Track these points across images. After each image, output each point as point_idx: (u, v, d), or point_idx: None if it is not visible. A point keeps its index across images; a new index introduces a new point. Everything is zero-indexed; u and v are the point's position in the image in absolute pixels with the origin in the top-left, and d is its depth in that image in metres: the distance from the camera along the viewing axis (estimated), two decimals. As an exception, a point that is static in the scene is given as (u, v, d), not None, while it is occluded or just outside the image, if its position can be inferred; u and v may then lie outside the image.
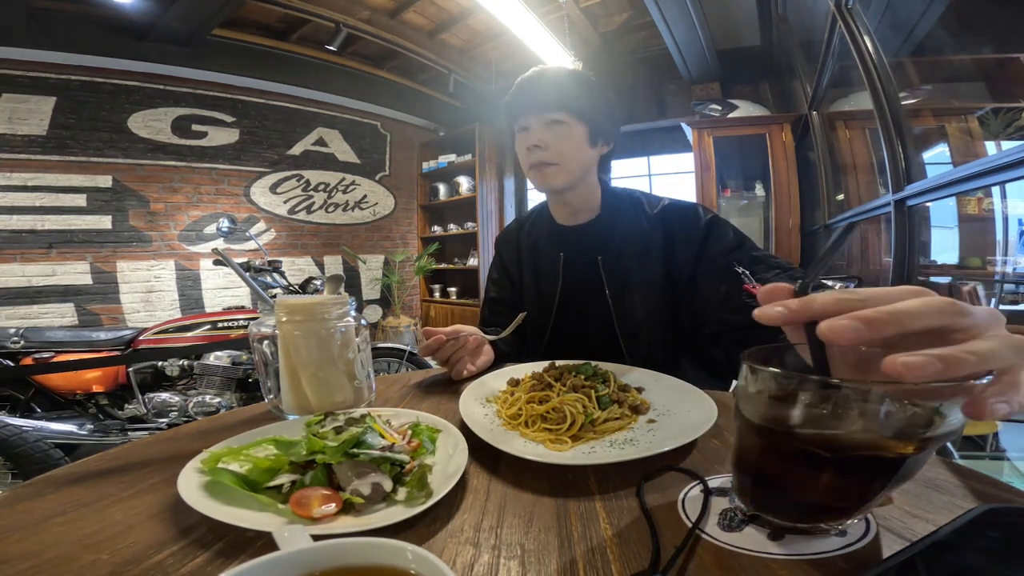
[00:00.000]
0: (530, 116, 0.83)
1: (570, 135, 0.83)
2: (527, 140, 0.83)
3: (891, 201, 1.67)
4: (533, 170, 0.85)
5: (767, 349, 0.33)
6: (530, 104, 0.83)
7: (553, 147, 0.82)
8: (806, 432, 0.28)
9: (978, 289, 1.78)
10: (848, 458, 0.27)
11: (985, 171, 1.20)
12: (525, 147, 0.84)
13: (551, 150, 0.82)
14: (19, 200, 3.06)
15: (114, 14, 3.06)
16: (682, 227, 0.85)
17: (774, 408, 0.30)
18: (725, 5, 3.26)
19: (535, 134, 0.82)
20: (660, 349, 0.86)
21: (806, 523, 0.31)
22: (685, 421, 0.51)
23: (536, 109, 0.83)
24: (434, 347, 0.74)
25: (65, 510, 0.38)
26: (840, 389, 0.28)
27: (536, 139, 0.82)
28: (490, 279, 1.10)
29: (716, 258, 0.78)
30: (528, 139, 0.83)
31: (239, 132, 3.98)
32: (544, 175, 0.84)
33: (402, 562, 0.22)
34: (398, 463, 0.40)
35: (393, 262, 4.81)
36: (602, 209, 0.91)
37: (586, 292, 0.89)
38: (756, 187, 3.62)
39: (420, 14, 3.76)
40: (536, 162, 0.83)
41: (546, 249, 0.95)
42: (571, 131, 0.82)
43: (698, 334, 0.82)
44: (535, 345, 0.96)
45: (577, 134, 0.83)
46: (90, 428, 1.97)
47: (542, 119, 0.82)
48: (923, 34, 1.97)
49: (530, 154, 0.83)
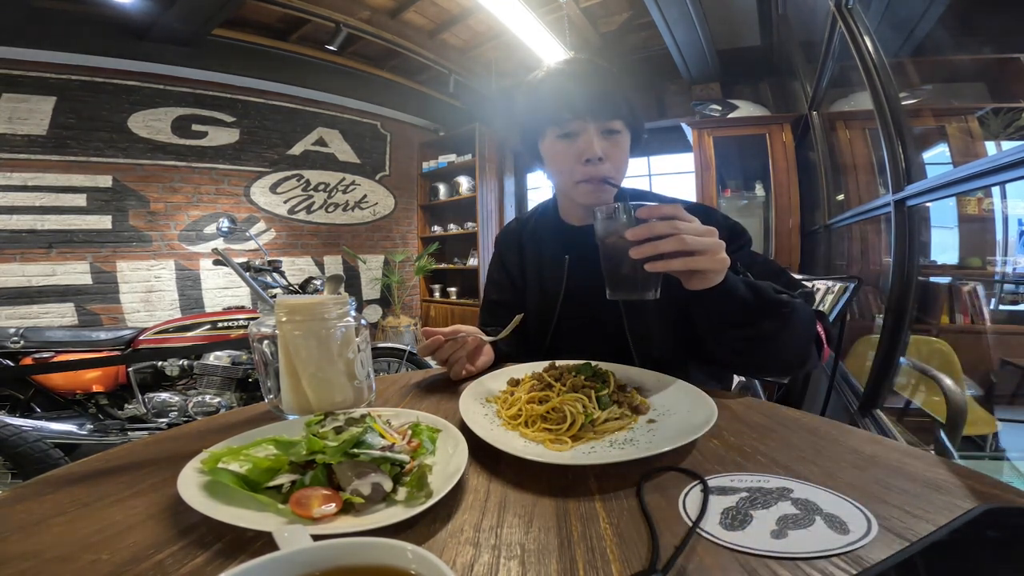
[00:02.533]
0: (587, 122, 0.73)
1: (624, 146, 0.76)
2: (584, 151, 0.73)
3: (891, 201, 1.67)
4: (589, 184, 0.76)
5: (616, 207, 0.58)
6: (587, 108, 0.73)
7: (612, 159, 0.74)
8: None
9: (978, 289, 1.78)
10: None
11: (985, 171, 1.20)
12: (581, 158, 0.73)
13: (612, 164, 0.74)
14: (19, 200, 3.06)
15: (114, 14, 3.06)
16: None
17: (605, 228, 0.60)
18: (725, 5, 3.26)
19: (596, 143, 0.73)
20: (670, 351, 0.83)
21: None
22: (685, 421, 0.51)
23: (596, 115, 0.73)
24: (433, 347, 0.73)
25: (65, 510, 0.38)
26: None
27: (599, 150, 0.72)
28: (489, 280, 1.06)
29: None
30: (586, 150, 0.73)
31: (239, 132, 3.98)
32: (602, 191, 0.76)
33: (402, 562, 0.22)
34: (398, 463, 0.40)
35: (393, 262, 4.81)
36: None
37: (593, 294, 0.84)
38: (756, 187, 3.62)
39: (420, 14, 3.76)
40: (596, 175, 0.74)
41: (551, 249, 0.92)
42: (624, 142, 0.76)
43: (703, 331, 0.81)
44: (537, 346, 0.93)
45: (627, 144, 0.77)
46: (90, 428, 1.97)
47: (600, 127, 0.73)
48: (923, 34, 1.97)
49: (587, 166, 0.73)
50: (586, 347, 0.86)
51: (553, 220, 0.94)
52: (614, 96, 0.75)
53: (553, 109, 0.75)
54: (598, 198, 0.77)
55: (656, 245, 0.54)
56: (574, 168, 0.76)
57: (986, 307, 1.80)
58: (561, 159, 0.78)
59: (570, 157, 0.76)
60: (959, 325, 1.79)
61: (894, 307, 1.64)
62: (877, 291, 2.24)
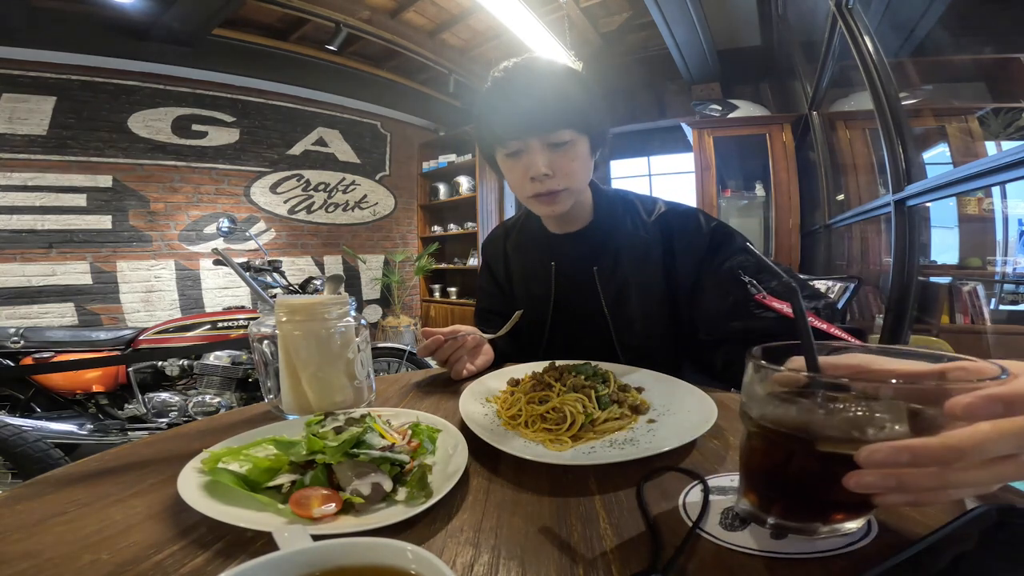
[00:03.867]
0: (528, 139, 0.70)
1: (577, 154, 0.72)
2: (529, 168, 0.71)
3: (891, 201, 1.67)
4: (537, 199, 0.74)
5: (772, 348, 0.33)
6: (527, 124, 0.69)
7: (561, 171, 0.71)
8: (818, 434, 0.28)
9: (978, 289, 1.78)
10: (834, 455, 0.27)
11: (985, 171, 1.20)
12: (527, 176, 0.71)
13: (559, 176, 0.71)
14: (19, 200, 3.06)
15: (114, 14, 3.06)
16: (683, 235, 0.79)
17: (782, 408, 0.30)
18: (725, 5, 3.26)
19: (539, 160, 0.70)
20: (660, 360, 0.80)
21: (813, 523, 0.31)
22: (685, 421, 0.51)
23: (536, 131, 0.69)
24: (433, 347, 0.73)
25: (65, 510, 0.38)
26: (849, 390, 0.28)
27: (543, 167, 0.69)
28: (479, 289, 1.03)
29: (721, 267, 0.74)
30: (530, 167, 0.70)
31: (239, 132, 3.98)
32: (553, 203, 0.74)
33: (402, 562, 0.22)
34: (398, 463, 0.40)
35: (393, 262, 4.81)
36: (595, 215, 0.85)
37: (581, 303, 0.83)
38: (756, 187, 3.62)
39: (420, 14, 3.76)
40: (544, 191, 0.72)
41: (536, 257, 0.89)
42: (577, 149, 0.72)
43: (698, 341, 0.78)
44: (532, 352, 0.92)
45: (582, 150, 0.73)
46: (90, 428, 1.97)
47: (544, 140, 0.70)
48: (923, 34, 1.97)
49: (534, 183, 0.71)
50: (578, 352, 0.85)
51: (537, 227, 0.91)
52: (556, 106, 0.69)
53: (495, 128, 0.72)
54: (553, 210, 0.76)
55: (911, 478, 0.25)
56: (527, 187, 0.73)
57: (986, 307, 1.80)
58: (512, 176, 0.76)
59: (519, 174, 0.73)
60: (959, 325, 1.79)
61: (894, 307, 1.64)
62: (877, 291, 2.24)
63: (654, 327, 0.81)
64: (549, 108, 0.69)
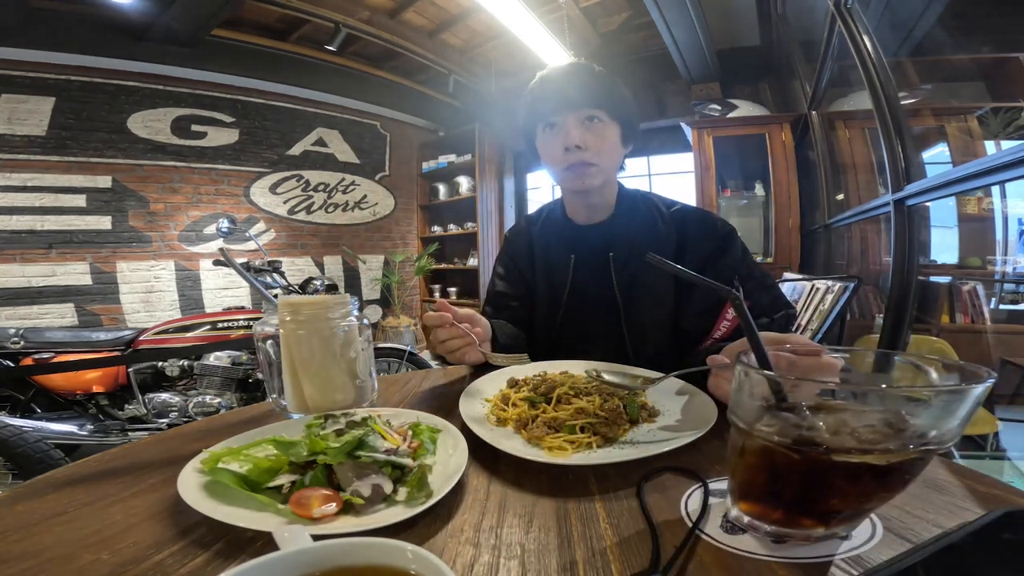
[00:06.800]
0: (565, 114, 0.80)
1: (607, 135, 0.81)
2: (565, 139, 0.80)
3: (891, 201, 1.67)
4: (571, 171, 0.82)
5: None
6: (564, 100, 0.80)
7: (593, 147, 0.80)
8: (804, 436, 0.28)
9: (978, 288, 1.79)
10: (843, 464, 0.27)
11: (985, 171, 1.20)
12: (561, 146, 0.81)
13: (591, 150, 0.80)
14: (19, 200, 3.05)
15: (113, 14, 3.05)
16: (697, 231, 0.85)
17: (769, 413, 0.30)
18: (725, 5, 3.26)
19: (575, 133, 0.79)
20: (665, 350, 0.86)
21: (814, 530, 0.31)
22: (685, 421, 0.51)
23: (573, 106, 0.80)
24: (437, 322, 0.71)
25: (65, 510, 0.38)
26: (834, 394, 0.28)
27: (577, 138, 0.79)
28: (496, 274, 1.07)
29: (723, 271, 0.79)
30: (567, 138, 0.80)
31: (239, 132, 3.97)
32: (584, 176, 0.82)
33: (402, 562, 0.22)
34: (400, 467, 0.40)
35: (393, 262, 4.81)
36: (617, 208, 0.91)
37: (595, 289, 0.89)
38: (756, 187, 3.62)
39: (420, 14, 3.76)
40: (576, 162, 0.81)
41: (557, 250, 0.95)
42: (607, 130, 0.81)
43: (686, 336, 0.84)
44: (541, 341, 0.96)
45: (612, 134, 0.82)
46: (90, 428, 1.96)
47: (578, 116, 0.80)
48: (922, 34, 1.97)
49: (568, 154, 0.80)
50: (587, 343, 0.89)
51: (560, 220, 0.97)
52: (592, 87, 0.80)
53: (539, 106, 0.84)
54: (583, 183, 0.83)
55: None
56: (562, 157, 0.82)
57: (986, 307, 1.80)
58: (547, 150, 0.85)
59: (554, 146, 0.82)
60: (959, 325, 1.79)
61: (894, 307, 1.64)
62: (877, 291, 2.24)
63: (661, 316, 0.86)
64: (586, 87, 0.81)
